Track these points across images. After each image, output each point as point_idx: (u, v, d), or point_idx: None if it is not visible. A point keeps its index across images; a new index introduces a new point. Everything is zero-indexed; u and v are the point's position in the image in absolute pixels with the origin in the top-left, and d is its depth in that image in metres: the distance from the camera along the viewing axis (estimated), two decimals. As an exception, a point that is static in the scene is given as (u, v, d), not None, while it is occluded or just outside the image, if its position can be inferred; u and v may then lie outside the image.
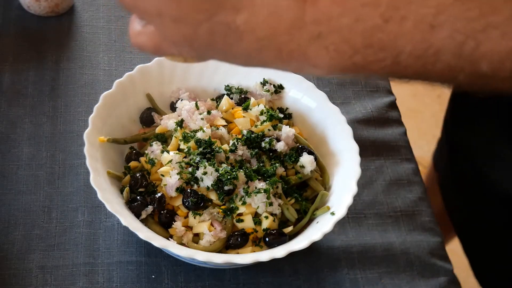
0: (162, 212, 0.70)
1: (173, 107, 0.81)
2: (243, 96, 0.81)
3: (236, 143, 0.73)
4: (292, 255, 0.65)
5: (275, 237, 0.69)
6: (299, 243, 0.66)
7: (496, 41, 0.43)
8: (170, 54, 0.50)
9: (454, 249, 1.50)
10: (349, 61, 0.45)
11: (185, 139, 0.74)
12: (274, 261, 0.65)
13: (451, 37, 0.43)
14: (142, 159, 0.75)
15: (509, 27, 0.42)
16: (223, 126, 0.77)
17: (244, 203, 0.69)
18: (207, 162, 0.70)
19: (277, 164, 0.73)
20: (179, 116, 0.77)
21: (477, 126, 0.88)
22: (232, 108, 0.79)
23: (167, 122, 0.76)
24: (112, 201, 0.66)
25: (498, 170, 0.86)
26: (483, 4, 0.43)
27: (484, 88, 0.46)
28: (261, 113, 0.77)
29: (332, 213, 0.69)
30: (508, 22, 0.42)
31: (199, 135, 0.73)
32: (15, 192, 0.77)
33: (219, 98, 0.81)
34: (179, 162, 0.71)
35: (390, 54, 0.44)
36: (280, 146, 0.74)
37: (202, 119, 0.76)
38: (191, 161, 0.71)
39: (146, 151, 0.75)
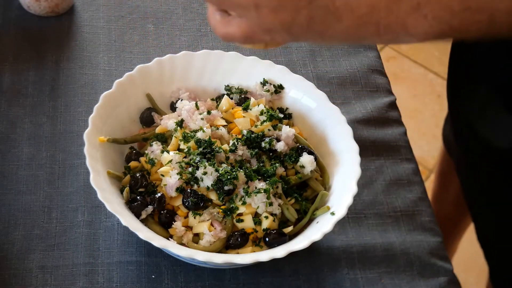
0: (162, 212, 0.70)
1: (173, 107, 0.81)
2: (243, 96, 0.81)
3: (236, 143, 0.73)
4: (292, 255, 0.65)
5: (275, 237, 0.69)
6: (299, 243, 0.66)
7: None
8: (262, 41, 0.52)
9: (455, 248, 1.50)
10: (447, 26, 0.47)
11: (185, 139, 0.74)
12: (274, 261, 0.65)
13: None
14: (142, 159, 0.75)
15: None
16: (223, 126, 0.77)
17: (244, 203, 0.70)
18: (207, 162, 0.71)
19: (277, 164, 0.73)
20: (179, 116, 0.77)
21: (473, 91, 0.91)
22: (232, 108, 0.79)
23: (167, 122, 0.76)
24: (112, 201, 0.66)
25: (491, 131, 0.89)
26: None
27: None
28: (261, 113, 0.77)
29: (332, 213, 0.69)
30: None
31: (199, 135, 0.73)
32: (15, 192, 0.77)
33: (219, 98, 0.81)
34: (179, 162, 0.71)
35: (486, 14, 0.46)
36: (280, 146, 0.74)
37: (202, 119, 0.76)
38: (191, 161, 0.71)
39: (146, 151, 0.75)
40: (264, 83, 0.81)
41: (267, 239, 0.69)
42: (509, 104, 0.84)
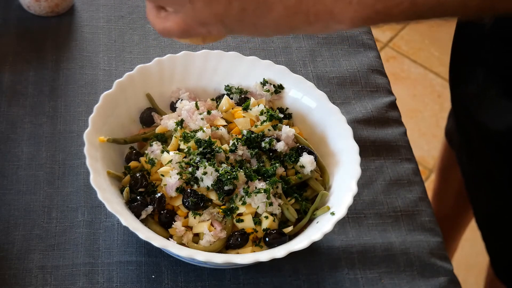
0: (162, 212, 0.70)
1: (173, 107, 0.81)
2: (243, 96, 0.81)
3: (236, 143, 0.74)
4: (292, 255, 0.65)
5: (275, 237, 0.69)
6: (299, 243, 0.66)
7: None
8: (198, 34, 0.55)
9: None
10: (371, 10, 0.50)
11: (185, 139, 0.74)
12: (274, 261, 0.65)
13: None
14: (142, 159, 0.75)
15: None
16: (223, 126, 0.77)
17: (244, 203, 0.70)
18: (207, 162, 0.71)
19: (277, 164, 0.73)
20: (179, 116, 0.77)
21: (472, 75, 0.94)
22: (232, 108, 0.79)
23: (167, 122, 0.76)
24: (112, 201, 0.66)
25: (489, 114, 0.91)
26: None
27: (494, 10, 0.51)
28: (261, 113, 0.77)
29: (332, 213, 0.69)
30: None
31: (199, 135, 0.73)
32: (15, 192, 0.77)
33: (219, 98, 0.81)
34: (179, 162, 0.71)
35: None
36: (280, 146, 0.74)
37: (202, 119, 0.76)
38: (191, 161, 0.71)
39: (146, 151, 0.75)
40: (264, 83, 0.81)
41: (267, 239, 0.69)
42: (507, 88, 0.86)
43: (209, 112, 0.77)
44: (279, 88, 0.81)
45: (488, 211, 1.01)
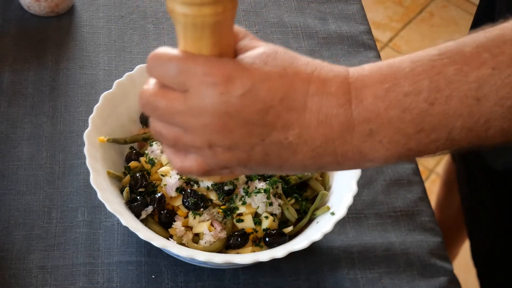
0: (162, 212, 0.70)
1: (173, 107, 0.80)
2: (243, 96, 0.81)
3: (236, 143, 0.73)
4: (292, 255, 0.65)
5: (275, 237, 0.69)
6: (299, 243, 0.66)
7: None
8: (220, 174, 0.52)
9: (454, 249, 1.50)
10: (404, 149, 0.47)
11: (185, 139, 0.74)
12: (274, 261, 0.65)
13: (498, 105, 0.44)
14: (142, 159, 0.75)
15: None
16: (223, 126, 0.77)
17: (244, 203, 0.70)
18: (207, 162, 0.70)
19: (277, 164, 0.73)
20: (179, 116, 0.77)
21: None
22: (232, 108, 0.79)
23: (167, 122, 0.76)
24: (112, 201, 0.66)
25: (492, 153, 0.90)
26: None
27: None
28: (261, 113, 0.77)
29: (332, 213, 0.69)
30: None
31: (199, 135, 0.73)
32: (15, 192, 0.77)
33: (219, 98, 0.81)
34: (179, 162, 0.71)
35: (443, 133, 0.46)
36: (280, 146, 0.74)
37: (202, 119, 0.76)
38: (191, 161, 0.71)
39: (146, 151, 0.75)
40: (264, 83, 0.81)
41: (267, 239, 0.69)
42: None
43: (209, 112, 0.77)
44: (279, 88, 0.81)
45: (485, 247, 1.00)
